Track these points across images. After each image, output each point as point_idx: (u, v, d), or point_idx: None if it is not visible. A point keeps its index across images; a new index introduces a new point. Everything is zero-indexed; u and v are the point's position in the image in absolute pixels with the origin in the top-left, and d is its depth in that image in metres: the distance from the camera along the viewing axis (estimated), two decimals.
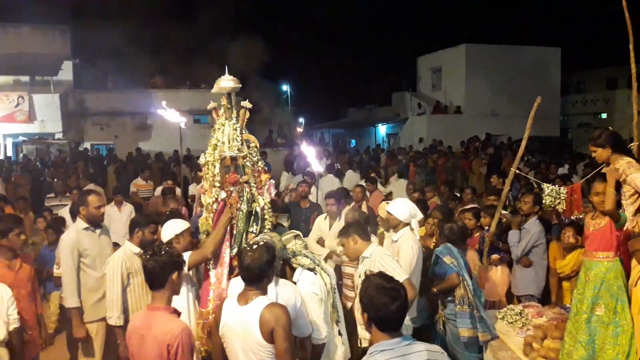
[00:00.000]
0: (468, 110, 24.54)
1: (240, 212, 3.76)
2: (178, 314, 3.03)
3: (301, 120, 35.38)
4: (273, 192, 4.00)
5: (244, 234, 3.78)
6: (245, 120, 3.87)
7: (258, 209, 3.82)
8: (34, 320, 4.34)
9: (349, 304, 5.07)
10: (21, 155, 18.90)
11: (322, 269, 3.87)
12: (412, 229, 4.90)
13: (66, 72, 21.60)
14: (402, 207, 4.96)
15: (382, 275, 2.61)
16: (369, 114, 30.18)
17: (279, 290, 3.42)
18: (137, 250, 4.47)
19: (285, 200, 8.36)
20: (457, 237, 4.87)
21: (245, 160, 3.80)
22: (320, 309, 3.59)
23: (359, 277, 4.25)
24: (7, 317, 3.80)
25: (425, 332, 4.92)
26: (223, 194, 3.78)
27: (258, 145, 3.97)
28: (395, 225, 4.94)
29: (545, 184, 5.19)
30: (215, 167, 3.79)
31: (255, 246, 3.14)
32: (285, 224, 5.05)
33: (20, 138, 20.10)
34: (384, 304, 2.41)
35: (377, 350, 2.41)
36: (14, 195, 10.05)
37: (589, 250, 4.04)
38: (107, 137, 21.32)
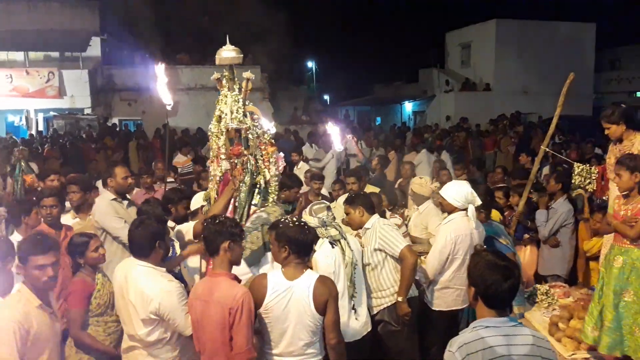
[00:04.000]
0: (497, 87, 24.04)
1: (244, 185, 3.75)
2: (238, 280, 3.12)
3: (326, 97, 35.22)
4: (281, 165, 3.96)
5: (246, 206, 3.79)
6: (248, 91, 3.82)
7: (262, 182, 3.81)
8: None
9: None
10: (51, 129, 19.34)
11: (347, 242, 3.90)
12: (467, 216, 4.38)
13: (94, 48, 21.83)
14: (457, 191, 4.43)
15: (495, 252, 2.58)
16: (395, 91, 29.81)
17: (274, 269, 3.48)
18: (172, 224, 4.49)
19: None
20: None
21: (248, 132, 3.78)
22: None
23: (362, 247, 4.31)
24: None
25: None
26: (227, 165, 3.79)
27: (260, 116, 3.94)
28: (450, 210, 4.49)
29: (576, 163, 5.06)
30: (219, 138, 3.80)
31: (302, 222, 3.24)
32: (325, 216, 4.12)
33: (51, 113, 20.50)
34: (495, 281, 2.34)
35: (482, 326, 2.35)
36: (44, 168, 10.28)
37: (619, 236, 3.95)
38: (135, 113, 21.56)
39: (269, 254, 3.64)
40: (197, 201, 4.32)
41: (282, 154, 4.00)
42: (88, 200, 5.32)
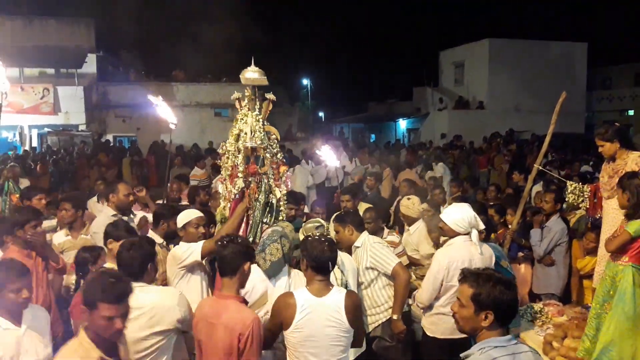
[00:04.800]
0: (491, 105, 24.23)
1: (258, 203, 3.80)
2: (246, 303, 3.07)
3: (320, 114, 35.34)
4: (290, 184, 4.06)
5: (260, 224, 3.82)
6: (268, 112, 3.90)
7: (274, 201, 3.86)
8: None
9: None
10: (45, 145, 19.27)
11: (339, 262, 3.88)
12: (470, 241, 4.09)
13: (90, 64, 21.90)
14: (460, 216, 4.09)
15: (504, 280, 2.53)
16: (390, 108, 29.99)
17: (291, 282, 3.50)
18: (161, 241, 4.49)
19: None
20: None
21: (265, 151, 3.84)
22: None
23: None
24: None
25: None
26: (242, 184, 3.82)
27: (279, 136, 4.02)
28: (451, 235, 4.14)
29: (569, 181, 5.10)
30: (237, 157, 3.83)
31: (322, 238, 3.24)
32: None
33: (45, 129, 20.46)
34: (510, 303, 2.37)
35: (491, 346, 2.36)
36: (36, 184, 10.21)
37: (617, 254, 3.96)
38: (129, 129, 21.56)
39: (287, 267, 3.65)
40: (184, 217, 4.26)
41: (290, 173, 4.05)
42: (81, 218, 5.30)
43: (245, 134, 3.81)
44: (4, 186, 6.86)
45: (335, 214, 4.80)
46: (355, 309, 3.13)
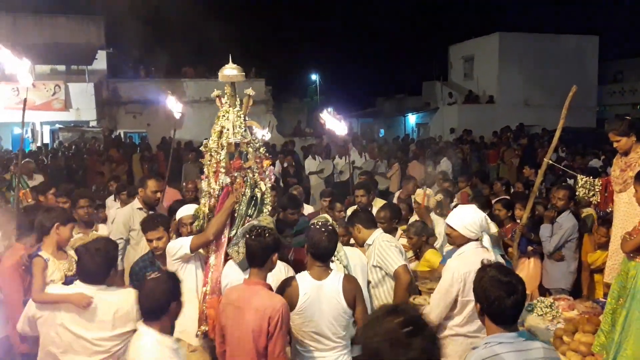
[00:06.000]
0: (500, 100, 24.06)
1: (244, 197, 3.91)
2: (272, 289, 3.26)
3: (329, 109, 35.22)
4: (273, 178, 4.17)
5: (244, 218, 3.92)
6: (249, 107, 4.01)
7: (259, 194, 3.96)
8: None
9: None
10: (57, 142, 19.45)
11: (338, 259, 3.93)
12: (483, 247, 3.68)
13: (100, 61, 22.01)
14: (470, 219, 3.66)
15: (499, 267, 2.55)
16: (399, 103, 29.87)
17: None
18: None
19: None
20: None
21: (248, 146, 3.94)
22: None
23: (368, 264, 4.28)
24: None
25: None
26: (227, 180, 3.91)
27: (260, 127, 4.11)
28: (461, 243, 3.71)
29: (579, 175, 5.06)
30: (219, 153, 3.93)
31: (323, 228, 3.41)
32: None
33: (57, 126, 20.63)
34: (498, 298, 2.35)
35: (495, 342, 2.35)
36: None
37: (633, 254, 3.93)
38: (139, 125, 21.67)
39: None
40: (184, 211, 4.39)
41: (273, 167, 4.13)
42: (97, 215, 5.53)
43: (228, 130, 3.90)
44: (12, 182, 6.95)
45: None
46: (351, 291, 3.33)
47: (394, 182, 11.17)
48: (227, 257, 3.87)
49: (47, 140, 20.96)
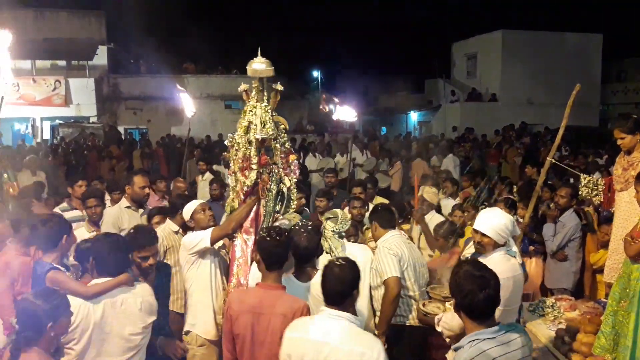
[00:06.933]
0: (503, 98, 23.97)
1: (270, 193, 3.81)
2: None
3: (331, 106, 35.19)
4: (297, 172, 4.04)
5: (273, 214, 3.85)
6: (277, 102, 3.88)
7: (285, 190, 3.88)
8: None
9: None
10: (58, 137, 19.44)
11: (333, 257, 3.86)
12: (508, 254, 3.42)
13: (101, 56, 21.98)
14: (497, 221, 3.40)
15: (474, 262, 2.60)
16: (401, 100, 29.77)
17: None
18: (177, 228, 4.65)
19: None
20: None
21: (275, 142, 3.83)
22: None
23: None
24: None
25: None
26: (254, 175, 3.80)
27: (287, 126, 4.00)
28: (489, 250, 3.44)
29: (582, 174, 5.00)
30: (248, 149, 3.79)
31: (303, 229, 3.44)
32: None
33: (57, 121, 20.61)
34: (470, 292, 2.40)
35: (480, 339, 2.40)
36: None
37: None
38: (140, 121, 21.66)
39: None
40: (189, 208, 4.36)
41: (297, 162, 4.05)
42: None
43: (255, 125, 3.77)
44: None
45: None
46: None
47: (396, 180, 11.11)
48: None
49: (47, 136, 20.93)
